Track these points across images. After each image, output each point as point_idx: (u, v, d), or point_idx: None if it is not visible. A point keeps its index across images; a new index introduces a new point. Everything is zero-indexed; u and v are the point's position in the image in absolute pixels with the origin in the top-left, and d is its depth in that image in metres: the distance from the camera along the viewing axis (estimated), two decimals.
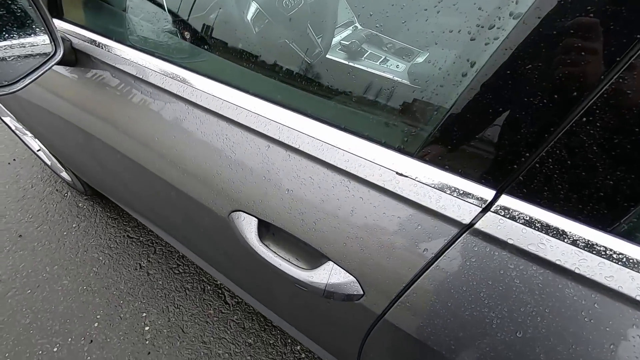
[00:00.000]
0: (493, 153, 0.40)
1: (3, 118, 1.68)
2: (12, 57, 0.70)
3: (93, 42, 0.77)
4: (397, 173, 0.45)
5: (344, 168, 0.49)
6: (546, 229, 0.38)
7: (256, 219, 0.60)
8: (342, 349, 0.75)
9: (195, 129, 0.64)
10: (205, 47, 0.72)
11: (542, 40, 0.34)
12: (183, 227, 0.87)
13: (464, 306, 0.44)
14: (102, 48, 0.76)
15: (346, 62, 0.64)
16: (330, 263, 0.54)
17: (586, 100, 0.33)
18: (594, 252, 0.36)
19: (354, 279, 0.52)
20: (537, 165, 0.37)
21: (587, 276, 0.36)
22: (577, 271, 0.37)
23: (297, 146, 0.52)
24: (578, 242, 0.37)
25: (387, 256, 0.48)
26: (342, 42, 0.70)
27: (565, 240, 0.37)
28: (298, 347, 1.31)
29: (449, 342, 0.47)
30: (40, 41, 0.74)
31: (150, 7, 0.82)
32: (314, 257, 0.56)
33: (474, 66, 0.38)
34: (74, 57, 0.81)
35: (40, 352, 1.31)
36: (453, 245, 0.43)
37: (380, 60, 0.61)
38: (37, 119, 1.12)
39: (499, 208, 0.40)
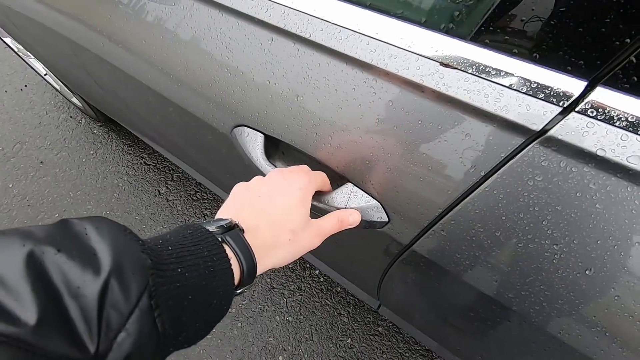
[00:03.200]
0: (589, 26, 0.27)
1: (4, 39, 1.57)
2: None
3: None
4: (441, 64, 0.33)
5: (369, 61, 0.37)
6: None
7: (262, 135, 0.51)
8: (362, 278, 0.70)
9: (183, 24, 0.52)
10: None
11: None
12: (187, 148, 0.79)
13: (517, 237, 0.34)
14: None
15: None
16: (350, 185, 0.45)
17: None
18: None
19: (378, 204, 0.44)
20: None
21: None
22: None
23: (307, 35, 0.40)
24: None
25: (422, 176, 0.38)
26: None
27: None
28: (317, 272, 1.31)
29: (491, 277, 0.39)
30: None
31: None
32: (330, 178, 0.47)
33: None
34: None
35: None
36: (514, 160, 0.32)
37: None
38: (29, 33, 1.01)
39: (589, 106, 0.28)
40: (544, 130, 0.30)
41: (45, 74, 1.65)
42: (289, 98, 0.45)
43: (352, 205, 0.44)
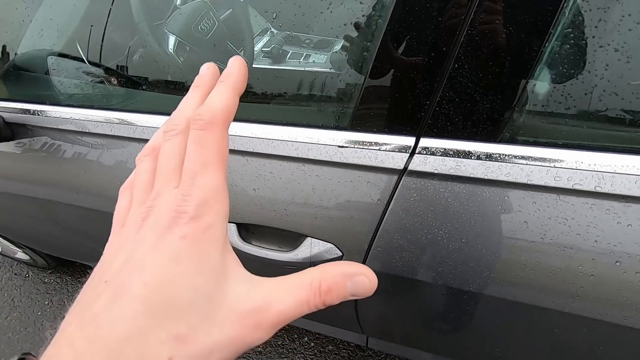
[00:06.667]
0: (405, 108, 0.50)
1: None
2: None
3: (26, 111, 0.79)
4: (339, 146, 0.55)
5: (296, 155, 0.57)
6: (457, 153, 0.49)
7: (234, 224, 0.67)
8: (340, 315, 0.84)
9: None
10: (138, 86, 0.77)
11: (410, 15, 0.45)
12: None
13: (419, 234, 0.54)
14: (36, 114, 0.78)
15: (273, 67, 0.72)
16: (309, 239, 0.62)
17: (453, 51, 0.44)
18: (492, 159, 0.48)
19: (332, 245, 0.61)
20: (437, 108, 0.49)
21: (493, 178, 0.48)
22: (485, 177, 0.48)
23: (251, 150, 0.60)
24: (481, 156, 0.48)
25: (352, 216, 0.57)
26: (263, 49, 0.78)
27: (472, 157, 0.49)
28: (305, 339, 1.38)
29: (418, 267, 0.57)
30: None
31: (71, 64, 0.84)
32: (293, 239, 0.64)
33: (369, 48, 0.49)
34: (10, 132, 0.81)
35: None
36: (398, 189, 0.53)
37: (302, 57, 0.69)
38: None
39: (421, 149, 0.51)
40: (405, 168, 0.52)
41: None
42: (248, 192, 0.63)
43: (315, 252, 0.62)
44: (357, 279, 0.21)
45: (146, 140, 0.69)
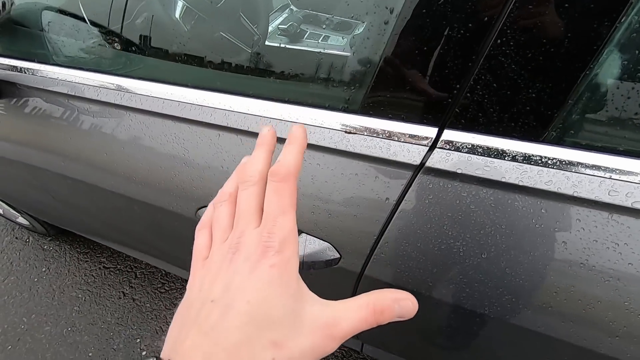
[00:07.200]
0: (429, 93, 0.42)
1: None
2: None
3: (14, 68, 0.73)
4: (345, 132, 0.47)
5: None
6: (488, 152, 0.41)
7: None
8: None
9: (142, 135, 0.62)
10: (138, 52, 0.70)
11: None
12: (155, 240, 0.85)
13: (432, 243, 0.46)
14: (25, 72, 0.72)
15: (287, 46, 0.64)
16: (304, 235, 0.55)
17: (497, 22, 0.35)
18: (532, 162, 0.39)
19: (329, 245, 0.54)
20: (468, 94, 0.40)
21: (530, 186, 0.39)
22: (520, 184, 0.39)
23: (246, 128, 0.52)
24: (517, 157, 0.40)
25: (354, 214, 0.50)
26: (280, 26, 0.70)
27: (506, 158, 0.40)
28: None
29: (426, 280, 0.49)
30: None
31: (69, 22, 0.78)
32: None
33: (393, 12, 0.40)
34: None
35: None
36: (411, 188, 0.45)
37: (321, 38, 0.61)
38: None
39: (443, 143, 0.42)
40: (422, 163, 0.43)
41: None
42: None
43: (309, 252, 0.54)
44: (403, 303, 0.25)
45: (145, 111, 0.62)
